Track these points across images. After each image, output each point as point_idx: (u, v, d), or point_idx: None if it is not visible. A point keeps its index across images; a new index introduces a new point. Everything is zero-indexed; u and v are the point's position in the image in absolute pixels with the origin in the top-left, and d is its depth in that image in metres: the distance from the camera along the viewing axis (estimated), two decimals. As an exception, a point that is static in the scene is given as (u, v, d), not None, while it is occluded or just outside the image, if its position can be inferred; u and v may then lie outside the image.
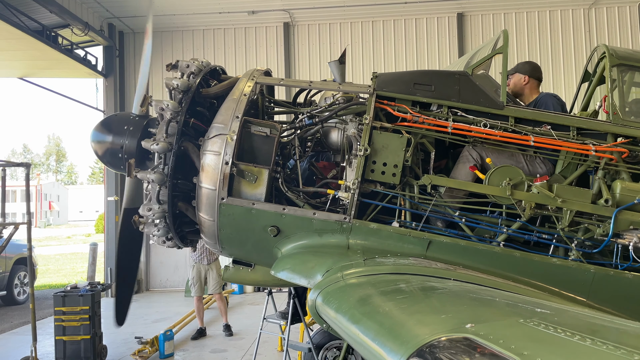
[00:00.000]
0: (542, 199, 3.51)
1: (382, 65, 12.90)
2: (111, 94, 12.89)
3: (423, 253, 3.52)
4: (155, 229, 3.92)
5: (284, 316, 5.82)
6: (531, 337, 1.32)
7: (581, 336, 1.26)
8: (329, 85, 4.09)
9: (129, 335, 8.33)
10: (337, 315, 2.16)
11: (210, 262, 8.50)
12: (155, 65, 13.24)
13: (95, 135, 4.17)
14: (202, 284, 8.51)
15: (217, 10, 12.46)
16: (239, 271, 4.38)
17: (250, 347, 7.75)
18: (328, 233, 3.66)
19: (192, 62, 3.97)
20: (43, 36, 10.57)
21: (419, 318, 1.67)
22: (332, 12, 12.80)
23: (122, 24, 13.04)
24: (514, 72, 4.48)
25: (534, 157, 3.76)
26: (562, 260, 3.52)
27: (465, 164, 3.74)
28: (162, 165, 3.73)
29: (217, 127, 3.71)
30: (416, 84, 3.79)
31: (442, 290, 2.30)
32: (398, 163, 3.61)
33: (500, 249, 3.52)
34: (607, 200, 3.49)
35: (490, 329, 1.35)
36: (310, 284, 3.31)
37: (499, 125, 3.66)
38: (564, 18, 12.72)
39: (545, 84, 12.48)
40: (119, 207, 13.04)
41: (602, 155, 3.60)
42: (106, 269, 13.00)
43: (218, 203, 3.67)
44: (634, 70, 4.10)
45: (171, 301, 11.98)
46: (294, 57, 13.25)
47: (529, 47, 12.71)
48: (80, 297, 6.99)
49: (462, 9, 12.76)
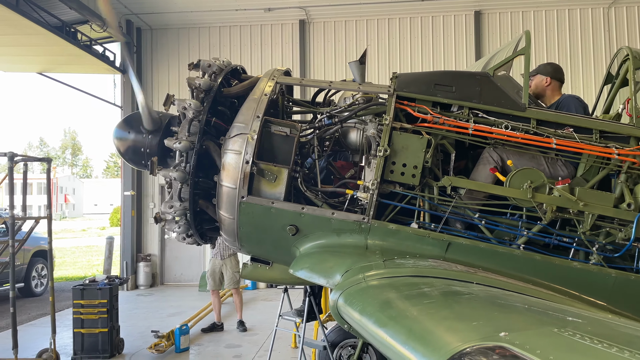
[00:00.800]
0: (564, 202, 3.49)
1: (398, 63, 12.85)
2: (129, 90, 13.02)
3: (442, 255, 3.52)
4: (176, 226, 3.97)
5: (300, 314, 5.86)
6: (569, 347, 1.31)
7: (619, 348, 1.26)
8: (349, 85, 4.09)
9: (146, 329, 8.44)
10: (362, 317, 2.17)
11: (225, 258, 8.55)
12: (173, 61, 13.38)
13: (118, 133, 4.24)
14: (217, 278, 8.58)
15: (233, 7, 12.51)
16: (257, 269, 4.42)
17: (265, 342, 7.81)
18: (346, 233, 3.67)
19: (213, 62, 4.00)
20: (62, 32, 10.70)
21: (448, 324, 1.67)
22: (348, 10, 12.77)
23: (140, 21, 13.15)
24: (536, 73, 4.44)
25: (555, 160, 3.73)
26: (583, 264, 3.49)
27: (486, 165, 3.73)
28: (183, 163, 3.78)
29: (238, 126, 3.74)
30: (437, 85, 3.78)
31: (468, 295, 2.30)
32: (418, 164, 3.61)
33: (520, 251, 3.50)
34: (629, 204, 3.46)
35: (525, 338, 1.35)
36: (329, 284, 3.33)
37: (521, 127, 3.64)
38: (583, 17, 12.56)
39: (564, 84, 12.30)
40: (135, 202, 13.22)
41: (624, 159, 3.56)
42: (122, 262, 13.17)
43: (238, 201, 3.71)
44: (658, 73, 4.05)
45: (186, 295, 12.10)
46: (310, 55, 13.26)
47: (547, 46, 12.57)
48: (98, 290, 7.09)
49: (480, 7, 12.66)
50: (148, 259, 13.41)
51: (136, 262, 13.29)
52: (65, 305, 10.84)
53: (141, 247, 13.54)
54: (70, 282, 13.32)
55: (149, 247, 13.63)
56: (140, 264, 13.26)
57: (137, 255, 13.33)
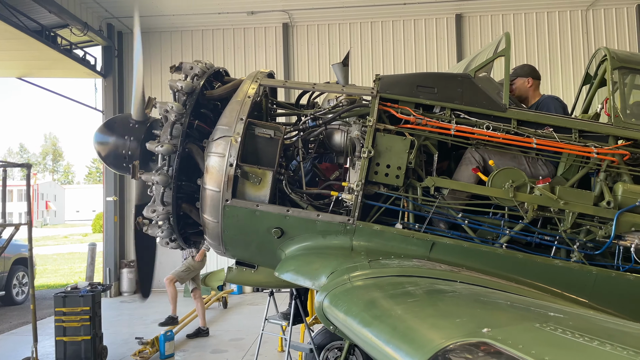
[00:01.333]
0: (545, 201, 3.54)
1: (381, 66, 12.92)
2: (110, 94, 12.88)
3: (426, 254, 3.54)
4: (159, 231, 3.93)
5: (286, 317, 5.84)
6: (550, 342, 1.33)
7: (600, 341, 1.28)
8: (332, 87, 4.10)
9: (129, 336, 8.33)
10: (347, 317, 2.17)
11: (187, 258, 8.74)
12: (155, 65, 13.27)
13: (99, 137, 4.18)
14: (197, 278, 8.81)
15: (216, 10, 12.47)
16: (242, 272, 4.40)
17: (251, 347, 7.76)
18: (332, 234, 3.68)
19: (195, 64, 3.98)
20: (42, 36, 10.55)
21: (432, 322, 1.68)
22: (331, 13, 12.81)
23: (121, 24, 13.03)
24: (515, 77, 4.48)
25: (536, 160, 3.78)
26: (564, 261, 3.54)
27: (468, 165, 3.77)
28: (166, 167, 3.74)
29: (221, 129, 3.73)
30: (419, 87, 3.81)
31: (452, 293, 2.32)
32: (401, 165, 3.64)
33: (503, 250, 3.54)
34: (609, 202, 3.52)
35: (507, 334, 1.36)
36: (314, 286, 3.33)
37: (502, 127, 3.68)
38: (561, 19, 12.77)
39: (543, 85, 12.50)
40: (117, 207, 13.06)
41: (603, 158, 3.63)
42: (105, 269, 12.99)
43: (222, 204, 3.69)
44: (635, 73, 4.14)
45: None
46: (293, 58, 13.27)
47: (527, 48, 12.75)
48: (80, 297, 6.97)
49: (461, 10, 12.80)
50: (132, 265, 13.23)
51: (119, 268, 13.11)
52: (47, 313, 10.64)
53: (124, 253, 13.37)
54: (52, 290, 13.09)
55: (133, 253, 13.44)
56: (123, 270, 13.09)
57: (121, 262, 13.16)
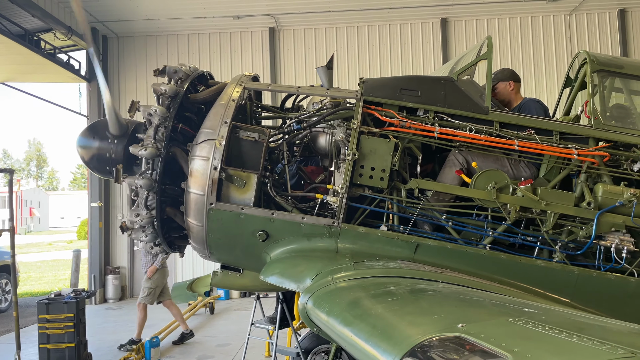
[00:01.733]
0: (527, 202, 3.58)
1: (367, 70, 12.99)
2: (95, 99, 12.76)
3: (411, 256, 3.56)
4: (143, 235, 3.91)
5: (272, 321, 5.82)
6: (521, 335, 1.36)
7: (568, 333, 1.31)
8: (317, 90, 4.12)
9: (115, 343, 8.25)
10: (329, 318, 2.18)
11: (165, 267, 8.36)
12: (140, 69, 13.21)
13: (82, 141, 4.14)
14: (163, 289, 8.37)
15: (202, 14, 12.44)
16: (228, 276, 4.38)
17: (237, 352, 7.71)
18: (317, 237, 3.68)
19: (179, 68, 3.97)
20: (25, 40, 10.45)
21: (410, 319, 1.71)
22: (317, 17, 12.86)
23: (106, 29, 12.94)
24: (496, 81, 4.51)
25: (518, 161, 3.83)
26: (547, 262, 3.59)
27: (452, 168, 3.80)
28: (150, 170, 3.72)
29: (205, 132, 3.72)
30: (403, 89, 3.84)
31: (432, 292, 2.34)
32: (386, 167, 3.65)
33: (486, 251, 3.57)
34: (589, 203, 3.57)
35: (481, 328, 1.39)
36: (299, 288, 3.33)
37: (484, 129, 3.72)
38: (545, 24, 12.96)
39: (527, 89, 12.67)
40: (102, 213, 12.93)
41: (584, 159, 3.68)
42: (90, 275, 12.84)
43: (207, 208, 3.68)
44: (615, 76, 4.21)
45: (157, 308, 11.78)
46: (280, 62, 13.28)
47: (512, 52, 12.91)
48: (64, 304, 6.89)
49: (446, 14, 12.92)
50: (117, 271, 13.11)
51: (104, 275, 12.97)
52: (31, 321, 10.48)
53: (110, 260, 13.24)
54: (36, 297, 12.88)
55: (118, 259, 13.34)
56: (108, 277, 12.95)
57: (106, 268, 13.02)
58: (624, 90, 4.38)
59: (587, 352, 1.20)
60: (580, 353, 1.20)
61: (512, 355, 1.20)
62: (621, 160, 3.75)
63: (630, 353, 1.14)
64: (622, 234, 3.54)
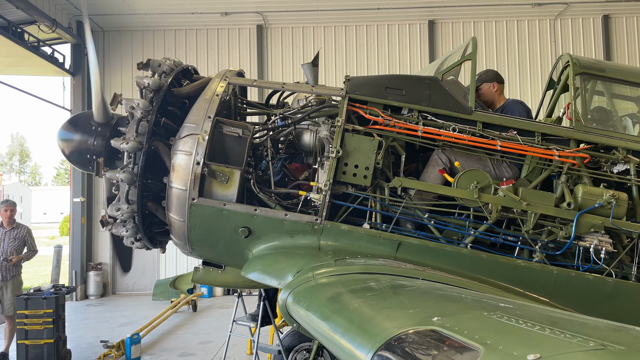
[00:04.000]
0: (508, 202, 3.60)
1: (354, 69, 13.02)
2: (79, 93, 12.62)
3: (393, 254, 3.57)
4: (124, 230, 3.86)
5: (254, 318, 5.80)
6: (494, 327, 1.37)
7: (541, 326, 1.32)
8: (302, 87, 4.11)
9: (94, 339, 8.15)
10: (308, 313, 2.18)
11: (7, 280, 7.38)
12: (126, 64, 13.08)
13: (63, 134, 4.08)
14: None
15: (189, 10, 12.36)
16: (209, 273, 4.35)
17: (220, 350, 7.67)
18: (299, 234, 3.67)
19: (164, 61, 3.94)
20: (9, 32, 10.28)
21: (387, 313, 1.71)
22: (305, 16, 12.85)
23: (92, 22, 12.77)
24: (480, 82, 4.55)
25: (500, 162, 3.86)
26: (527, 261, 3.62)
27: (435, 167, 3.81)
28: (131, 164, 3.68)
29: (188, 126, 3.69)
30: (388, 88, 3.85)
31: (411, 288, 2.35)
32: (369, 165, 3.66)
33: (468, 250, 3.59)
34: (569, 203, 3.60)
35: (455, 322, 1.40)
36: (281, 285, 3.31)
37: (468, 129, 3.74)
38: (530, 28, 13.11)
39: (512, 91, 12.79)
40: (85, 209, 12.78)
41: (565, 161, 3.72)
42: (71, 271, 12.68)
43: (189, 203, 3.65)
44: (596, 79, 4.26)
45: (138, 305, 11.76)
46: (267, 60, 13.24)
47: (497, 55, 13.04)
48: (43, 300, 6.79)
49: (434, 16, 13.00)
50: (99, 267, 12.97)
51: (86, 271, 12.82)
52: (9, 317, 10.30)
53: (91, 256, 13.09)
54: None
55: (100, 255, 13.19)
56: (90, 273, 12.80)
57: (87, 264, 12.87)
58: (605, 93, 4.45)
59: (558, 344, 1.21)
60: (550, 344, 1.22)
61: (484, 347, 1.21)
62: (601, 162, 3.79)
63: (601, 345, 1.16)
64: (601, 234, 3.59)
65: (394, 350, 1.36)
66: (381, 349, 1.38)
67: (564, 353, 1.13)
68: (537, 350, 1.11)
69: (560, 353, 1.13)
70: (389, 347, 1.38)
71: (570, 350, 1.15)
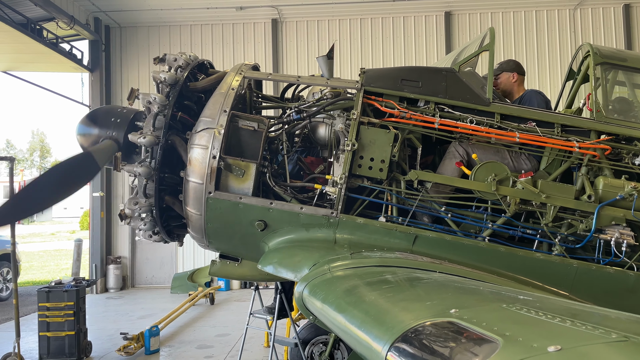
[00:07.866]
0: (527, 194, 3.56)
1: (370, 62, 12.92)
2: (97, 89, 12.75)
3: (409, 248, 3.55)
4: (142, 223, 3.91)
5: (271, 311, 5.82)
6: (513, 319, 1.36)
7: (562, 318, 1.30)
8: (317, 80, 4.10)
9: (114, 332, 8.27)
10: (324, 306, 2.18)
11: None
12: (143, 59, 13.17)
13: (81, 129, 4.14)
14: None
15: (204, 5, 12.39)
16: (226, 265, 4.38)
17: (237, 342, 7.73)
18: (315, 227, 3.67)
19: (179, 56, 3.96)
20: (27, 29, 10.41)
21: (404, 305, 1.70)
22: (320, 9, 12.78)
23: (109, 18, 12.90)
24: (500, 72, 4.50)
25: (519, 154, 3.80)
26: (546, 255, 3.57)
27: (452, 159, 3.78)
28: (149, 158, 3.72)
29: (204, 120, 3.71)
30: (404, 80, 3.82)
31: (428, 280, 2.34)
32: (385, 158, 3.64)
33: (486, 244, 3.56)
34: (590, 196, 3.54)
35: (473, 314, 1.38)
36: (296, 278, 3.32)
37: (485, 121, 3.70)
38: (549, 18, 12.86)
39: (531, 82, 12.59)
40: (104, 203, 12.96)
41: (585, 152, 3.65)
42: (91, 265, 12.88)
43: (205, 197, 3.67)
44: (617, 69, 4.17)
45: (157, 297, 11.90)
46: (282, 54, 13.23)
47: (515, 45, 12.83)
48: (64, 292, 6.91)
49: (450, 7, 12.83)
50: (118, 261, 13.15)
51: (106, 264, 13.01)
52: (31, 309, 10.52)
53: (111, 249, 13.27)
54: (37, 286, 12.94)
55: (119, 249, 13.37)
56: (110, 267, 12.99)
57: (107, 258, 13.06)
58: (626, 83, 4.35)
59: (579, 336, 1.19)
60: (571, 336, 1.20)
61: (503, 339, 1.19)
62: (622, 154, 3.72)
63: (624, 337, 1.13)
64: (622, 227, 3.53)
65: (411, 342, 1.35)
66: (398, 341, 1.37)
67: (585, 345, 1.11)
68: (558, 342, 1.09)
69: (581, 345, 1.11)
70: (405, 338, 1.37)
71: (592, 342, 1.13)
